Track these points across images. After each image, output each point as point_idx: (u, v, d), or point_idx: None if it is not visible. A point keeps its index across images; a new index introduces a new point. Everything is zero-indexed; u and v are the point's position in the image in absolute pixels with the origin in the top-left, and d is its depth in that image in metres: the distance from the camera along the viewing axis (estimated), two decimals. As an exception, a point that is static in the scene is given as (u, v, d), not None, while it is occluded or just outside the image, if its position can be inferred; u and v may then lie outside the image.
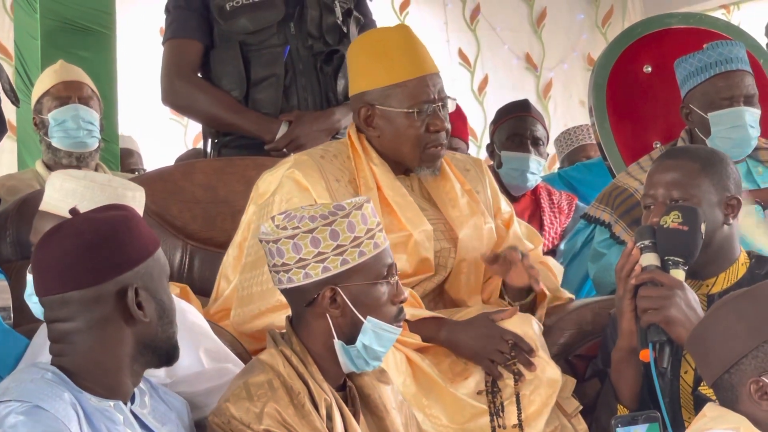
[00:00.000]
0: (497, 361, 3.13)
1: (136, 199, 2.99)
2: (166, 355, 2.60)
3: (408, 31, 3.37)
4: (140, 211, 2.95)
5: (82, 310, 2.50)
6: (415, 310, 3.16)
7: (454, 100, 3.38)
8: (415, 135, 3.28)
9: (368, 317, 2.73)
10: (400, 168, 3.35)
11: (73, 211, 2.63)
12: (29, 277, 2.88)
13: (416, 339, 3.17)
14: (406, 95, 3.27)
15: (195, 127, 7.18)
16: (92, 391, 2.52)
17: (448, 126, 3.33)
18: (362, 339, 2.73)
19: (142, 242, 2.55)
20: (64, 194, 2.94)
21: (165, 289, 2.59)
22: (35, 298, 2.84)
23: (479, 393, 3.12)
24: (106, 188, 2.98)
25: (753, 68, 3.96)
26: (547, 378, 3.13)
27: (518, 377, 3.12)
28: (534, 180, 4.94)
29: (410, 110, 3.26)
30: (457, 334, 3.16)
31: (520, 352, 3.13)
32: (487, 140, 5.28)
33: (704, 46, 3.91)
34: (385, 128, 3.30)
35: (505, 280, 3.32)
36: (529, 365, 3.12)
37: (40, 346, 2.87)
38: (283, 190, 3.26)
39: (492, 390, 3.13)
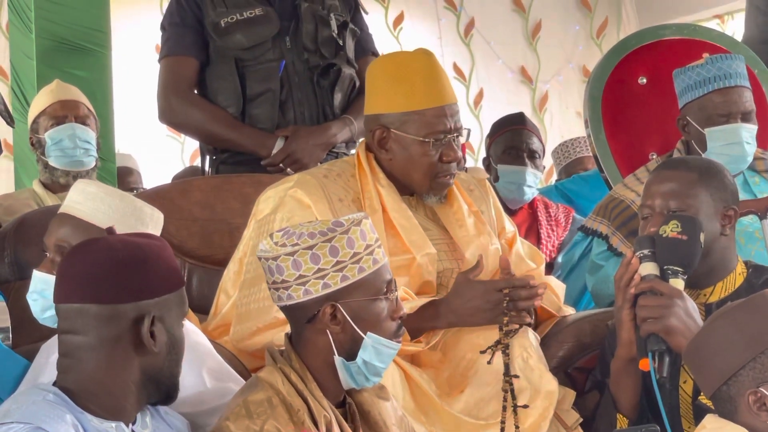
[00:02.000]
0: (500, 317, 3.16)
1: (153, 217, 3.00)
2: (167, 391, 2.61)
3: (432, 58, 3.36)
4: (158, 233, 2.96)
5: (96, 325, 2.51)
6: (410, 303, 3.16)
7: (469, 130, 3.40)
8: (427, 163, 3.28)
9: (368, 333, 2.73)
10: (407, 189, 3.36)
11: (110, 230, 2.64)
12: (35, 274, 2.88)
13: (419, 347, 3.17)
14: (424, 124, 3.27)
15: (192, 145, 7.20)
16: (94, 413, 2.51)
17: (461, 156, 3.34)
18: (362, 355, 2.74)
19: (169, 275, 2.57)
20: (85, 197, 2.95)
21: (180, 327, 2.60)
22: (35, 296, 2.85)
23: (485, 351, 3.15)
24: (126, 198, 2.99)
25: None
26: (544, 390, 3.13)
27: (513, 331, 3.16)
28: (531, 193, 4.94)
29: (426, 139, 3.26)
30: (456, 317, 3.18)
31: (514, 297, 3.16)
32: (483, 154, 5.28)
33: (704, 58, 3.91)
34: (398, 152, 3.30)
35: None
36: (533, 299, 3.18)
37: (42, 366, 2.87)
38: (285, 209, 3.26)
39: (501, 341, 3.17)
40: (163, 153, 7.50)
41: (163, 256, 2.58)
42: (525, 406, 3.09)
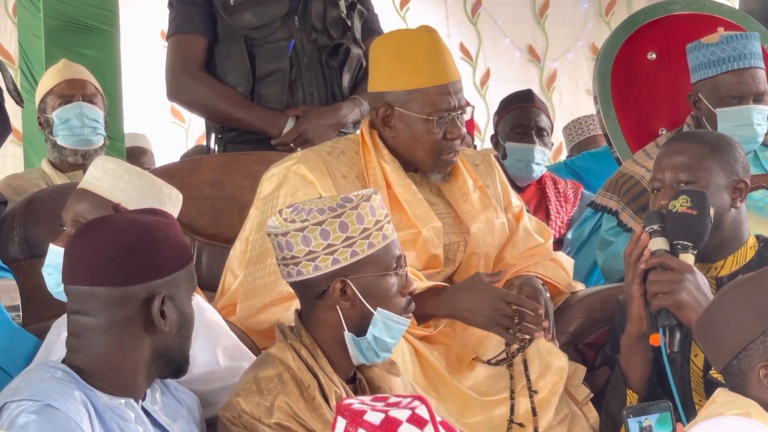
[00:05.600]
0: (504, 325, 3.13)
1: (172, 197, 3.00)
2: (177, 367, 2.61)
3: (435, 36, 3.35)
4: (176, 213, 2.96)
5: (105, 308, 2.51)
6: (417, 284, 3.15)
7: (473, 107, 3.39)
8: (431, 141, 3.28)
9: (378, 308, 2.74)
10: (411, 165, 3.35)
11: (116, 208, 2.63)
12: (51, 248, 2.88)
13: (426, 331, 3.17)
14: (428, 101, 3.26)
15: (197, 130, 7.18)
16: (103, 389, 2.52)
17: (465, 133, 3.34)
18: (372, 330, 2.74)
19: (178, 252, 2.57)
20: (104, 173, 2.95)
21: (189, 302, 2.60)
22: (51, 269, 2.85)
23: (495, 361, 3.14)
24: (145, 176, 2.99)
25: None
26: (554, 366, 3.14)
27: (524, 344, 3.13)
28: (539, 170, 4.93)
29: (430, 117, 3.26)
30: (456, 307, 3.16)
31: (524, 316, 3.13)
32: (490, 134, 5.27)
33: (719, 34, 3.89)
34: (402, 130, 3.30)
35: None
36: (536, 327, 3.12)
37: (53, 343, 2.87)
38: (289, 185, 3.26)
39: (508, 357, 3.14)
40: (167, 138, 7.47)
41: (170, 233, 2.57)
42: (534, 390, 3.09)
